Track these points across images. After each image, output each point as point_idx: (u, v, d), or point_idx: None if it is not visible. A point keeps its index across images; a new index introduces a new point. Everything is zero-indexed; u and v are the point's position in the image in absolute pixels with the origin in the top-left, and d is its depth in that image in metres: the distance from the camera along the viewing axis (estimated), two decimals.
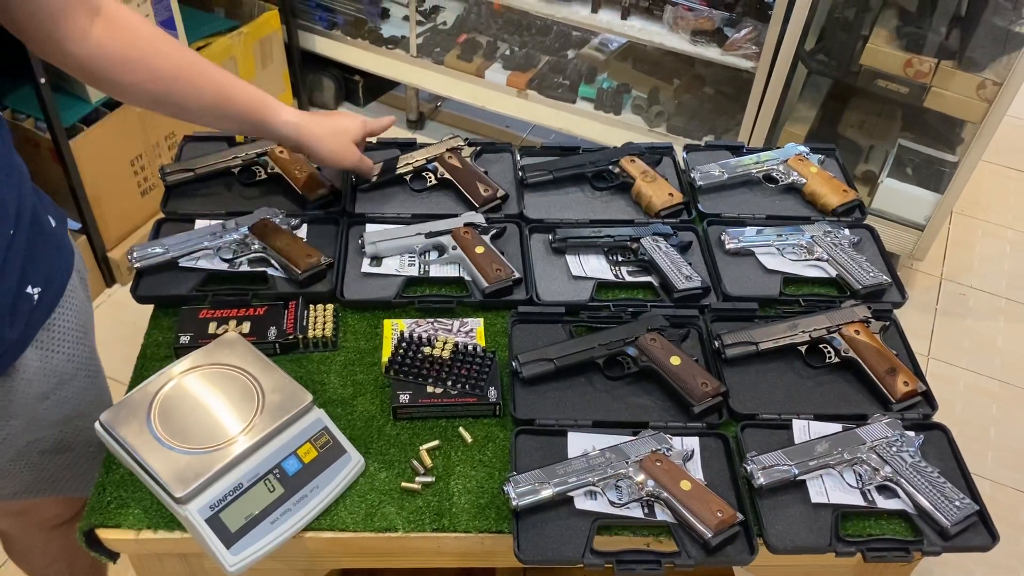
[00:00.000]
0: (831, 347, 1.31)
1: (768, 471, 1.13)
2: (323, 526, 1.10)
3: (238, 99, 1.26)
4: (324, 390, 1.25)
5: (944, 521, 1.10)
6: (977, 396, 2.45)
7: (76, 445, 1.25)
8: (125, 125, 2.43)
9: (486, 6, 3.12)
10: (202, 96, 1.22)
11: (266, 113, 1.29)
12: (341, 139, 1.38)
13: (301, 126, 1.31)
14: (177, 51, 1.19)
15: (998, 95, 2.22)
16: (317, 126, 1.34)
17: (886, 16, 2.41)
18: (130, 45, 1.12)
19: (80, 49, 1.08)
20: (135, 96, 1.18)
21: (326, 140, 1.35)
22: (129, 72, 1.13)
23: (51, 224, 1.15)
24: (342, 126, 1.39)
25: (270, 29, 2.87)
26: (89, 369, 1.23)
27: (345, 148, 1.39)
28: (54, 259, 1.14)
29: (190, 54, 1.22)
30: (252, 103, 1.27)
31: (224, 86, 1.24)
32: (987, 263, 2.88)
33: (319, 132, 1.34)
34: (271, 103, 1.29)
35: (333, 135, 1.37)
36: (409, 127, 3.28)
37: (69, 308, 1.16)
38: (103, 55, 1.10)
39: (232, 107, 1.25)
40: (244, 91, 1.26)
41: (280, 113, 1.30)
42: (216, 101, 1.23)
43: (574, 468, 1.12)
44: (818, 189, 1.57)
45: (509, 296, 1.38)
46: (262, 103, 1.28)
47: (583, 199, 1.58)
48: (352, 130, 1.40)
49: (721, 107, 2.82)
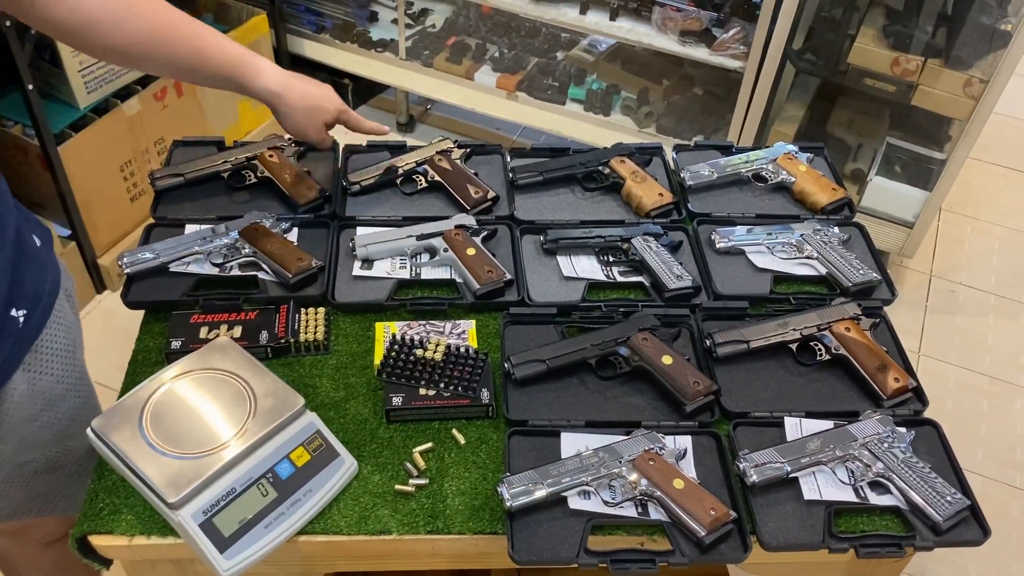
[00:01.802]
0: (822, 345, 1.31)
1: (761, 469, 1.13)
2: (317, 530, 1.10)
3: (214, 62, 1.25)
4: (316, 394, 1.25)
5: (936, 516, 1.11)
6: (968, 392, 2.46)
7: (67, 465, 1.24)
8: (114, 131, 2.42)
9: (475, 9, 3.12)
10: (177, 59, 1.22)
11: (243, 76, 1.29)
12: (313, 117, 1.39)
13: (277, 95, 1.33)
14: (152, 11, 1.17)
15: (984, 92, 2.24)
16: (294, 98, 1.34)
17: (873, 15, 2.42)
18: (101, 6, 1.11)
19: (52, 11, 1.07)
20: (110, 58, 1.19)
21: (298, 114, 1.36)
22: (103, 35, 1.12)
23: (35, 243, 1.13)
24: (319, 106, 1.39)
25: (258, 33, 2.86)
26: (78, 389, 1.21)
27: (314, 127, 1.40)
28: (39, 280, 1.12)
29: (167, 13, 1.20)
30: (229, 66, 1.27)
31: (200, 48, 1.23)
32: (976, 260, 2.90)
33: (293, 105, 1.35)
34: (249, 65, 1.29)
35: (307, 112, 1.37)
36: (399, 130, 3.28)
37: (57, 329, 1.14)
38: (76, 18, 1.09)
39: (208, 70, 1.26)
40: (222, 52, 1.26)
41: (258, 78, 1.30)
42: (192, 64, 1.23)
43: (567, 468, 1.12)
44: (807, 188, 1.57)
45: (501, 297, 1.38)
46: (240, 65, 1.28)
47: (573, 200, 1.58)
48: (328, 112, 1.40)
49: (710, 107, 2.83)
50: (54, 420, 1.17)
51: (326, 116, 1.40)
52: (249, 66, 1.29)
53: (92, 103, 2.38)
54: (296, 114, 1.36)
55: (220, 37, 1.28)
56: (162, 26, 1.19)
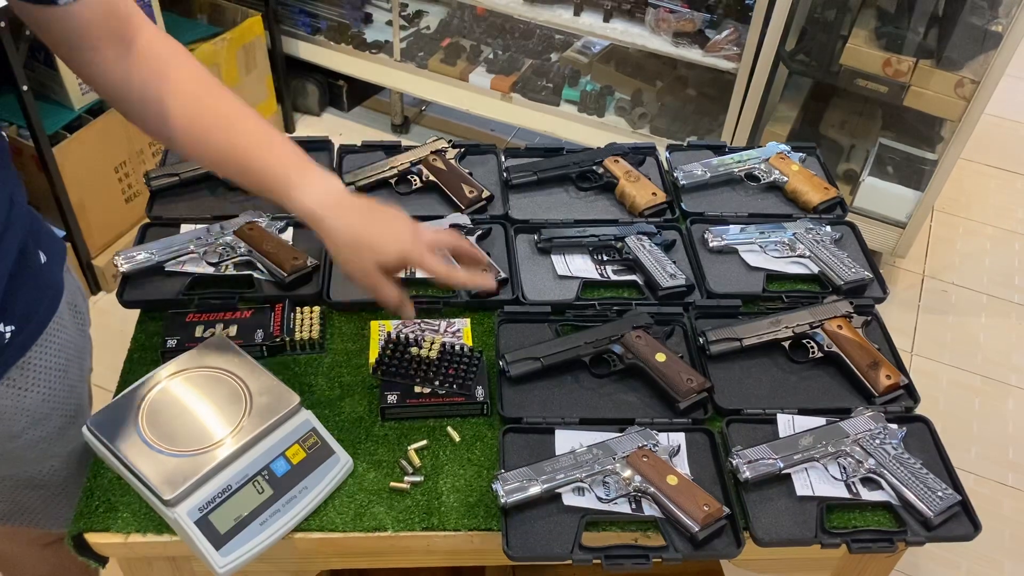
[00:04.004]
0: (814, 342, 1.32)
1: (753, 465, 1.14)
2: (312, 527, 1.10)
3: (255, 172, 1.07)
4: (312, 392, 1.26)
5: (927, 512, 1.12)
6: (960, 391, 2.48)
7: (50, 485, 1.21)
8: (109, 132, 2.42)
9: (469, 10, 3.13)
10: (214, 156, 1.07)
11: (280, 185, 1.06)
12: (360, 257, 1.07)
13: (317, 219, 1.06)
14: (203, 101, 1.06)
15: (976, 93, 2.25)
16: (338, 227, 1.06)
17: (865, 17, 2.44)
18: (151, 84, 1.03)
19: (103, 80, 1.02)
20: (152, 136, 1.09)
21: (341, 248, 1.07)
22: (147, 110, 1.04)
23: (40, 260, 1.09)
24: (370, 244, 1.07)
25: (253, 35, 2.87)
26: (66, 409, 1.16)
27: (359, 270, 1.08)
28: (35, 297, 1.07)
29: (219, 107, 1.06)
30: (268, 171, 1.06)
31: (243, 152, 1.06)
32: (968, 260, 2.91)
33: (335, 236, 1.07)
34: (292, 174, 1.06)
35: (352, 248, 1.07)
36: (394, 131, 3.29)
37: (49, 347, 1.10)
38: (126, 90, 1.03)
39: (248, 180, 1.08)
40: (266, 154, 1.06)
41: (295, 191, 1.05)
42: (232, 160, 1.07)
43: (562, 465, 1.13)
44: (799, 187, 1.58)
45: (495, 296, 1.39)
46: (280, 172, 1.06)
47: (567, 199, 1.59)
48: (384, 254, 1.07)
49: (703, 108, 2.84)
50: (37, 439, 1.13)
51: (380, 258, 1.07)
52: (289, 178, 1.06)
53: (87, 104, 2.38)
54: (339, 249, 1.07)
55: (273, 137, 1.08)
56: (207, 116, 1.05)
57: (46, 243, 1.12)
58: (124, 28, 1.01)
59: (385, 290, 1.09)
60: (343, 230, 1.06)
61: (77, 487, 1.22)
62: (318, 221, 1.06)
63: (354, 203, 1.09)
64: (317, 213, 1.06)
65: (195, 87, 1.06)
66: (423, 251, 1.09)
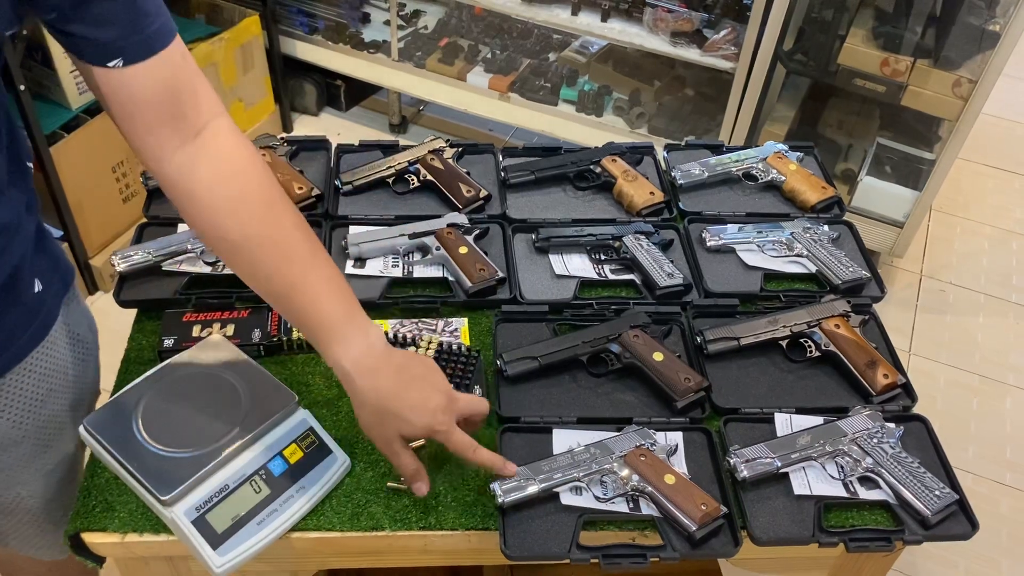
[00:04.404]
0: (811, 341, 1.32)
1: (751, 464, 1.14)
2: (310, 526, 1.10)
3: (298, 310, 1.02)
4: (309, 391, 1.26)
5: (925, 510, 1.12)
6: (958, 391, 2.48)
7: (17, 512, 1.17)
8: (106, 132, 2.42)
9: (467, 10, 3.13)
10: (260, 282, 1.02)
11: (320, 332, 1.02)
12: (384, 426, 1.03)
13: (348, 378, 1.02)
14: (260, 219, 0.99)
15: (973, 92, 2.25)
16: (366, 389, 1.02)
17: (863, 16, 2.44)
18: (206, 189, 0.97)
19: (158, 167, 0.97)
20: (205, 239, 1.03)
21: (365, 411, 1.04)
22: (202, 213, 0.98)
23: (34, 288, 1.04)
24: (398, 414, 1.02)
25: (251, 35, 2.87)
26: (40, 437, 1.12)
27: (381, 437, 1.05)
28: (19, 325, 1.04)
29: (276, 229, 1.00)
30: (312, 321, 1.02)
31: (291, 286, 1.00)
32: (966, 259, 2.91)
33: (362, 398, 1.03)
34: (335, 326, 1.02)
35: (377, 414, 1.03)
36: (392, 131, 3.29)
37: (29, 374, 1.06)
38: (183, 184, 0.97)
39: (290, 314, 1.04)
40: (311, 302, 1.01)
41: (333, 345, 1.02)
42: (274, 295, 1.03)
43: (559, 464, 1.12)
44: (797, 186, 1.58)
45: (493, 296, 1.39)
46: (321, 326, 1.02)
47: (565, 199, 1.59)
48: (410, 426, 1.03)
49: (701, 108, 2.84)
50: (5, 464, 1.10)
51: (404, 429, 1.03)
52: (332, 329, 1.01)
53: (84, 104, 2.38)
54: (363, 409, 1.04)
55: (325, 285, 1.02)
56: (261, 238, 0.99)
57: (46, 272, 1.08)
58: (188, 115, 0.96)
59: (402, 459, 1.06)
60: (371, 394, 1.02)
61: (50, 519, 1.21)
62: (350, 381, 1.02)
63: (391, 364, 1.04)
64: (350, 373, 1.01)
65: (259, 201, 1.00)
66: (452, 426, 1.04)
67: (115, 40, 0.88)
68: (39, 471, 1.16)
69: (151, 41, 0.91)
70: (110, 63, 0.89)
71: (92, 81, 0.92)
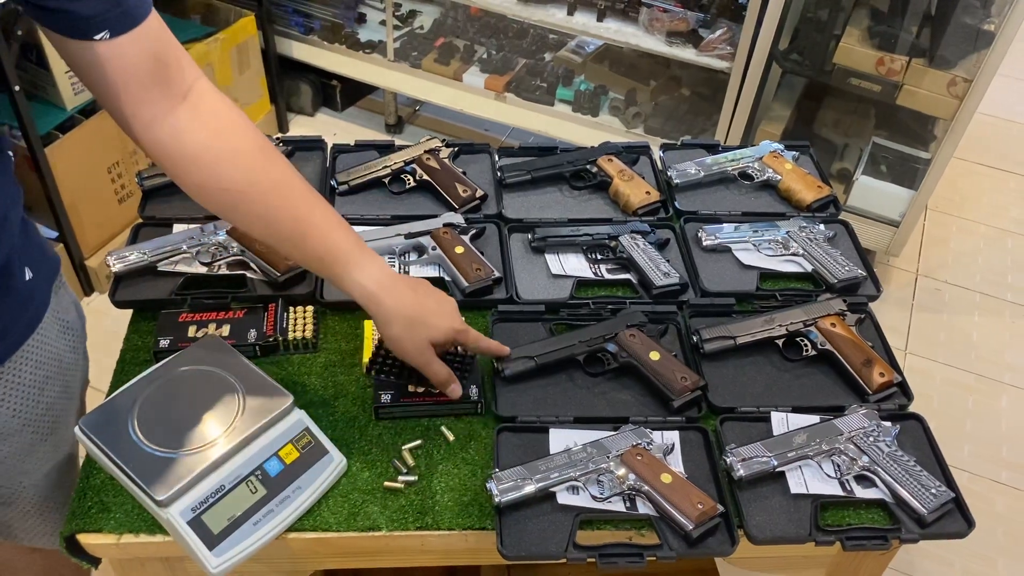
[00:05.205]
0: (808, 340, 1.32)
1: (747, 463, 1.14)
2: (306, 527, 1.10)
3: (313, 237, 1.07)
4: (305, 391, 1.26)
5: (921, 509, 1.12)
6: (954, 390, 2.48)
7: (18, 502, 1.18)
8: (102, 132, 2.41)
9: (463, 10, 3.13)
10: (271, 222, 1.05)
11: (337, 263, 1.08)
12: (415, 332, 1.12)
13: (372, 297, 1.09)
14: (260, 165, 1.03)
15: (968, 92, 2.26)
16: (393, 305, 1.10)
17: (858, 16, 2.44)
18: (205, 141, 1.00)
19: (150, 135, 0.98)
20: (201, 199, 1.04)
21: (395, 325, 1.11)
22: (199, 173, 1.01)
23: (24, 277, 1.06)
24: (424, 320, 1.12)
25: (246, 35, 2.86)
26: (39, 426, 1.13)
27: (414, 345, 1.12)
28: (14, 315, 1.05)
29: (276, 171, 1.04)
30: (326, 249, 1.07)
31: (301, 221, 1.06)
32: (962, 259, 2.92)
33: (390, 313, 1.10)
34: (349, 255, 1.08)
35: (406, 324, 1.11)
36: (388, 131, 3.28)
37: (26, 363, 1.08)
38: (175, 148, 0.99)
39: (306, 246, 1.07)
40: (324, 232, 1.07)
41: (353, 271, 1.08)
42: (288, 233, 1.06)
43: (556, 464, 1.12)
44: (793, 185, 1.58)
45: (489, 295, 1.39)
46: (338, 252, 1.08)
47: (561, 198, 1.59)
48: (436, 329, 1.13)
49: (697, 108, 2.84)
50: (5, 454, 1.11)
51: (432, 334, 1.13)
52: (349, 256, 1.08)
53: (79, 105, 2.37)
54: (393, 325, 1.10)
55: (332, 218, 1.08)
56: (264, 182, 1.03)
57: (35, 260, 1.09)
58: (174, 81, 0.97)
59: (435, 365, 1.15)
60: (399, 309, 1.10)
61: (53, 507, 1.21)
62: (377, 300, 1.09)
63: (407, 283, 1.14)
64: (376, 293, 1.09)
65: (253, 150, 1.03)
66: (466, 325, 1.18)
67: (98, 14, 0.88)
68: (39, 460, 1.16)
69: (134, 12, 0.91)
70: (96, 36, 0.89)
71: (76, 58, 0.92)
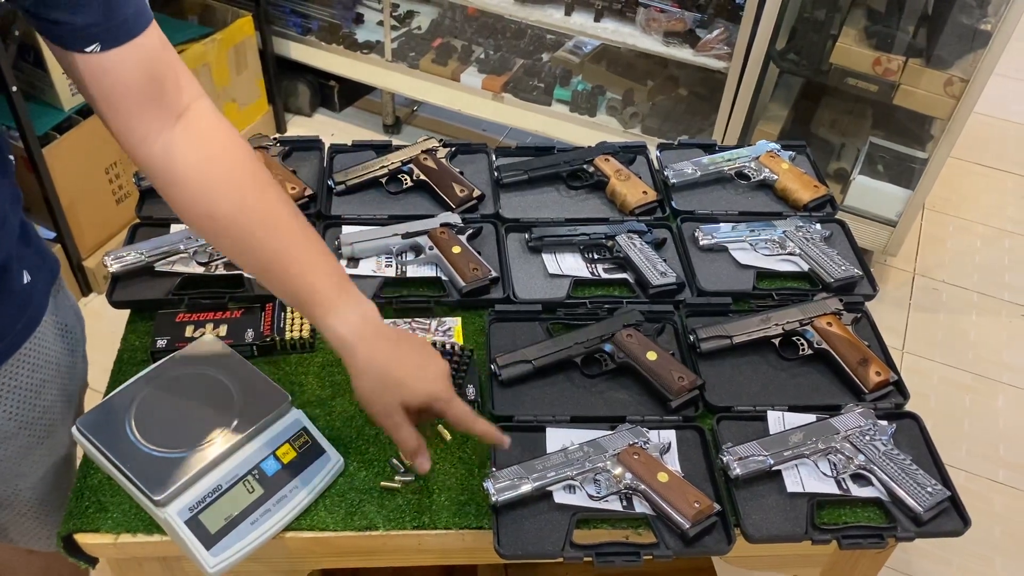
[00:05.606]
0: (804, 339, 1.32)
1: (744, 462, 1.14)
2: (303, 526, 1.10)
3: (292, 282, 1.01)
4: (302, 391, 1.26)
5: (917, 507, 1.12)
6: (951, 389, 2.49)
7: (16, 504, 1.18)
8: (99, 133, 2.41)
9: (460, 10, 3.13)
10: (251, 258, 1.01)
11: (314, 304, 1.01)
12: (386, 393, 1.03)
13: (347, 347, 1.02)
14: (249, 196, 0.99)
15: (965, 91, 2.26)
16: (365, 358, 1.02)
17: (855, 16, 2.45)
18: (195, 169, 0.97)
19: (142, 151, 0.97)
20: (185, 221, 1.02)
21: (364, 380, 1.03)
22: (187, 194, 0.98)
23: (23, 280, 1.05)
24: (399, 380, 1.02)
25: (244, 35, 2.86)
26: (35, 429, 1.12)
27: (382, 406, 1.03)
28: (11, 318, 1.04)
29: (264, 205, 1.00)
30: (305, 292, 1.01)
31: (282, 258, 1.00)
32: (959, 258, 2.92)
33: (361, 367, 1.02)
34: (327, 296, 1.01)
35: (377, 382, 1.02)
36: (385, 131, 3.28)
37: (23, 365, 1.07)
38: (166, 166, 0.97)
39: (282, 289, 1.03)
40: (302, 274, 1.01)
41: (329, 316, 1.01)
42: (262, 270, 1.02)
43: (553, 463, 1.13)
44: (789, 185, 1.59)
45: (486, 295, 1.39)
46: (315, 291, 1.01)
47: (558, 198, 1.59)
48: (411, 392, 1.03)
49: (695, 108, 2.84)
50: (1, 457, 1.10)
51: (406, 397, 1.02)
52: (326, 298, 1.01)
53: (77, 105, 2.37)
54: (362, 378, 1.02)
55: (315, 257, 1.02)
56: (251, 214, 0.98)
57: (33, 263, 1.08)
58: (170, 99, 0.96)
59: (403, 432, 1.04)
60: (372, 362, 1.02)
61: (49, 510, 1.21)
62: (350, 349, 1.01)
63: (390, 335, 1.05)
64: (350, 342, 1.01)
65: (245, 178, 1.00)
66: (453, 395, 1.05)
67: (91, 25, 0.88)
68: (36, 463, 1.16)
69: (128, 26, 0.91)
70: (87, 48, 0.89)
71: (72, 68, 0.92)
